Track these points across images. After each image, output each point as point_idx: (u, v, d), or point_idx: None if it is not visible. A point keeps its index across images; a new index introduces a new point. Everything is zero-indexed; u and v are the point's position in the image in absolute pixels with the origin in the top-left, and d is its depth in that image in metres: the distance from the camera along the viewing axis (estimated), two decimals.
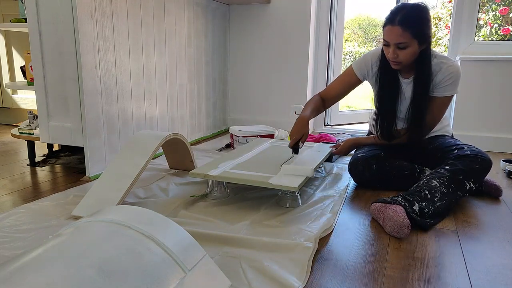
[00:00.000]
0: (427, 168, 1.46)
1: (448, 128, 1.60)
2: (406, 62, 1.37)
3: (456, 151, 1.36)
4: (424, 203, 1.20)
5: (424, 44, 1.35)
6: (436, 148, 1.46)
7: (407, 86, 1.48)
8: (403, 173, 1.46)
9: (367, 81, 1.59)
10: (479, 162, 1.30)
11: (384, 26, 1.35)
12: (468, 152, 1.33)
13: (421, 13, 1.32)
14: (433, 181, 1.27)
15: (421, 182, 1.28)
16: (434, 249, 1.04)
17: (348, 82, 1.59)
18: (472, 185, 1.29)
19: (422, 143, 1.51)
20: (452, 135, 1.60)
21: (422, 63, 1.39)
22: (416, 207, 1.18)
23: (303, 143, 1.44)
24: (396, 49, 1.34)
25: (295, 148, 1.43)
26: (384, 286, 0.86)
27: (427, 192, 1.23)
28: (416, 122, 1.45)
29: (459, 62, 2.24)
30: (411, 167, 1.47)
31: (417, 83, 1.42)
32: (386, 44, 1.37)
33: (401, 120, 1.53)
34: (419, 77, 1.41)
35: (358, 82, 1.58)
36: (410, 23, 1.29)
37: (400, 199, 1.20)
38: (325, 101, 1.62)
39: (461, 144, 1.42)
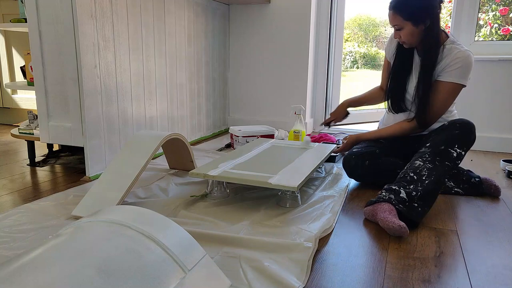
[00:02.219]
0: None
1: None
2: (409, 41, 1.44)
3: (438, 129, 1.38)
4: (411, 186, 1.19)
5: (421, 24, 1.39)
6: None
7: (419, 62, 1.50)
8: (395, 171, 1.47)
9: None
10: (457, 127, 1.31)
11: None
12: (445, 123, 1.35)
13: None
14: (415, 162, 1.27)
15: (406, 167, 1.29)
16: (434, 249, 1.04)
17: (385, 67, 1.70)
18: (459, 150, 1.28)
19: (418, 129, 1.50)
20: None
21: (426, 41, 1.42)
22: (403, 194, 1.17)
23: (335, 123, 1.86)
24: (396, 31, 1.43)
25: (327, 124, 1.88)
26: (384, 286, 0.86)
27: (412, 175, 1.23)
28: (422, 101, 1.44)
29: None
30: (405, 165, 1.47)
31: (423, 59, 1.45)
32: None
33: (410, 102, 1.52)
34: (425, 53, 1.43)
35: (390, 64, 1.64)
36: (400, 8, 1.39)
37: (384, 193, 1.19)
38: (383, 88, 1.72)
39: (445, 123, 1.42)
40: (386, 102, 1.60)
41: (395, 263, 0.96)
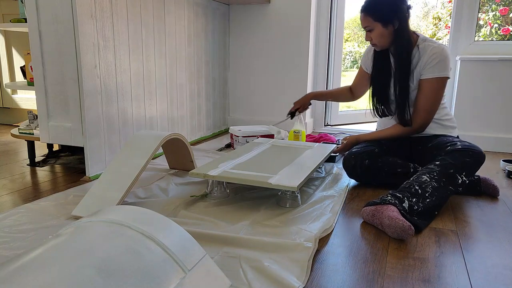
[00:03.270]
0: (421, 168, 1.45)
1: (453, 130, 1.57)
2: (380, 43, 1.49)
3: (449, 147, 1.37)
4: (414, 199, 1.19)
5: (390, 25, 1.45)
6: (433, 146, 1.46)
7: None
8: (395, 170, 1.47)
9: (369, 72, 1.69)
10: (470, 155, 1.30)
11: None
12: (459, 147, 1.34)
13: None
14: (423, 176, 1.26)
15: (412, 178, 1.28)
16: (434, 249, 1.04)
17: (360, 74, 1.79)
18: (464, 178, 1.28)
19: (416, 130, 1.51)
20: (458, 137, 1.58)
21: (397, 42, 1.48)
22: (406, 204, 1.17)
23: (300, 113, 1.90)
24: (368, 32, 1.49)
25: (291, 114, 1.89)
26: (384, 286, 0.86)
27: (417, 188, 1.22)
28: (399, 102, 1.50)
29: (458, 62, 2.24)
30: (405, 165, 1.48)
31: (397, 61, 1.50)
32: None
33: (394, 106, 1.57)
34: (398, 55, 1.49)
35: (366, 74, 1.74)
36: (370, 9, 1.46)
37: (389, 197, 1.19)
38: (352, 90, 1.85)
39: (456, 140, 1.41)
40: (370, 106, 1.64)
41: (395, 263, 0.96)
